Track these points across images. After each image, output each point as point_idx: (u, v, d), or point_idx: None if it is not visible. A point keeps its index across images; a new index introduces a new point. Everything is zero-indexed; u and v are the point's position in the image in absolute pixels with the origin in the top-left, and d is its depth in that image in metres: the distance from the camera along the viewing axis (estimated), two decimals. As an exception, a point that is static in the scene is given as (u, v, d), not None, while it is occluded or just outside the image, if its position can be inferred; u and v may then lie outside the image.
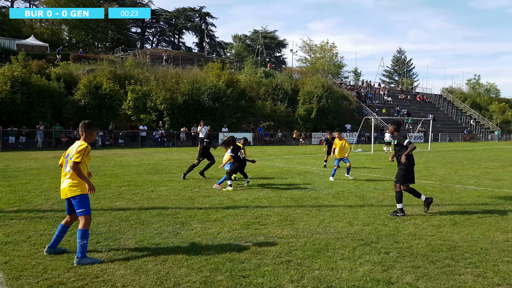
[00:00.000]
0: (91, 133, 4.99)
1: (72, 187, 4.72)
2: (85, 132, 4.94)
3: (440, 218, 7.05)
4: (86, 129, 4.94)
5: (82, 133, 4.95)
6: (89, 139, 4.98)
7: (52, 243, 4.91)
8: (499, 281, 4.21)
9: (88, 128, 4.96)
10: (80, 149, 4.73)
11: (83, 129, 4.94)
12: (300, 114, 38.10)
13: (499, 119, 67.17)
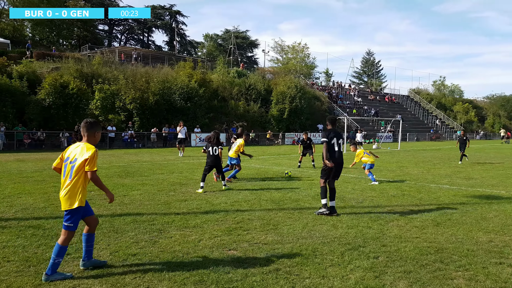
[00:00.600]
0: (94, 133, 4.44)
1: (70, 199, 4.21)
2: (88, 132, 4.41)
3: (422, 219, 7.02)
4: (89, 129, 4.42)
5: (84, 134, 4.43)
6: (93, 140, 4.46)
7: (86, 255, 4.46)
8: (492, 284, 4.14)
9: (91, 128, 4.43)
10: (91, 156, 4.20)
11: (86, 129, 4.41)
12: (273, 114, 38.04)
13: (463, 119, 69.79)
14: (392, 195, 9.53)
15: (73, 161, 4.25)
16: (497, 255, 5.08)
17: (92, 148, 4.28)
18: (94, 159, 4.22)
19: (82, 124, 4.47)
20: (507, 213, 7.60)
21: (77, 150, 4.31)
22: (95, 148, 4.31)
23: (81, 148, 4.30)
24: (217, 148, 10.21)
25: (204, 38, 61.60)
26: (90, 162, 4.18)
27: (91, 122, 4.49)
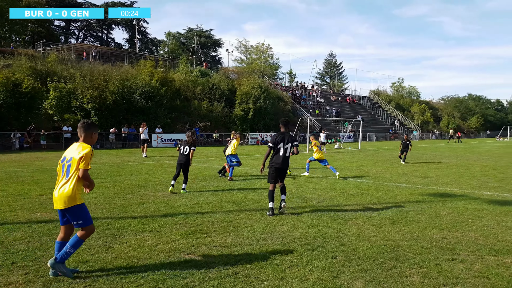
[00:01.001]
0: (91, 134, 4.53)
1: (65, 197, 4.24)
2: (85, 133, 4.49)
3: (379, 218, 7.16)
4: (86, 130, 4.50)
5: (81, 134, 4.50)
6: (90, 140, 4.53)
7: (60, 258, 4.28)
8: (444, 281, 4.25)
9: (88, 129, 4.51)
10: (86, 154, 4.27)
11: (83, 130, 4.49)
12: (237, 114, 37.91)
13: (420, 120, 72.81)
14: (352, 194, 9.70)
15: (69, 160, 4.34)
16: (450, 251, 5.24)
17: (87, 147, 4.35)
18: (88, 158, 4.28)
19: (79, 125, 4.53)
20: (459, 210, 7.91)
21: (73, 149, 4.41)
22: (90, 147, 4.38)
23: (77, 147, 4.39)
24: (188, 148, 10.15)
25: (167, 36, 60.44)
26: (85, 159, 4.26)
27: (88, 123, 4.56)
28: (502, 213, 7.73)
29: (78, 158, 4.26)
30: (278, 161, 7.43)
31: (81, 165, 4.25)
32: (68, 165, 4.33)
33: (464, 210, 7.96)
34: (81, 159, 4.26)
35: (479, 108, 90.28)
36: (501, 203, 8.79)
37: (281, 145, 7.43)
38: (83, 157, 4.26)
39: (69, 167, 4.32)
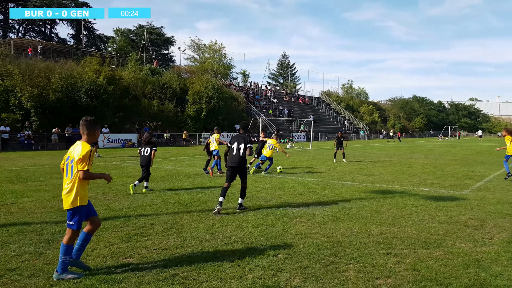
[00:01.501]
0: (94, 131, 4.44)
1: (70, 198, 4.27)
2: (87, 131, 4.39)
3: (323, 215, 7.33)
4: (88, 127, 4.39)
5: (84, 132, 4.41)
6: (92, 138, 4.45)
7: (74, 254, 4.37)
8: (378, 274, 4.41)
9: (90, 126, 4.41)
10: (84, 155, 4.21)
11: (85, 127, 4.39)
12: (189, 114, 37.33)
13: (368, 120, 75.83)
14: (299, 193, 9.86)
15: (71, 161, 4.31)
16: (386, 246, 5.46)
17: (87, 148, 4.27)
18: (86, 158, 4.22)
19: (81, 122, 4.42)
20: (398, 206, 8.28)
21: (75, 149, 4.33)
22: (89, 148, 4.30)
23: (78, 147, 4.31)
24: (149, 149, 10.20)
25: (115, 33, 58.25)
26: (83, 161, 4.20)
27: (91, 120, 4.46)
28: (437, 208, 8.18)
29: (78, 159, 4.22)
30: (232, 160, 7.86)
31: (79, 166, 4.22)
32: (71, 165, 4.31)
33: (403, 206, 8.35)
34: (79, 160, 4.22)
35: (423, 109, 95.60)
36: (437, 199, 9.32)
37: (235, 145, 7.89)
38: (81, 158, 4.21)
39: (72, 167, 4.30)
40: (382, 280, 4.26)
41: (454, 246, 5.51)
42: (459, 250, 5.31)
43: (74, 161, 4.26)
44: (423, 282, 4.19)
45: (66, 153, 4.47)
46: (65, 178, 4.36)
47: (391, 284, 4.15)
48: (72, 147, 4.42)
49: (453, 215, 7.47)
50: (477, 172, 15.19)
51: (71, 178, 4.28)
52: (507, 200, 9.24)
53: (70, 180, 4.29)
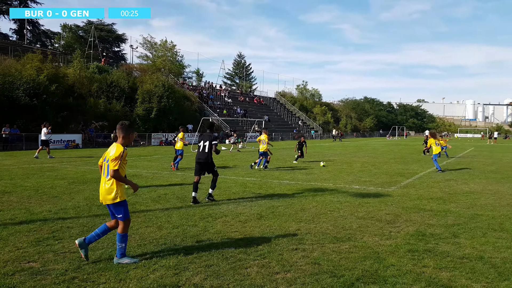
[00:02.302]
0: (129, 135, 4.88)
1: (111, 195, 4.70)
2: (123, 134, 4.84)
3: (249, 214, 7.46)
4: (125, 131, 4.85)
5: (120, 135, 4.86)
6: (127, 141, 4.88)
7: (89, 238, 4.79)
8: (279, 269, 4.57)
9: (127, 130, 4.87)
10: (117, 156, 4.64)
11: (121, 131, 4.85)
12: (138, 113, 36.47)
13: (321, 120, 77.78)
14: (233, 192, 9.97)
15: (107, 160, 4.76)
16: (297, 242, 5.66)
17: (120, 149, 4.70)
18: (118, 158, 4.62)
19: (118, 126, 4.90)
20: (325, 203, 8.59)
21: (111, 150, 4.79)
22: (123, 149, 4.73)
23: (113, 148, 4.76)
24: None
25: (62, 28, 55.65)
26: (115, 160, 4.62)
27: (128, 125, 4.95)
28: (360, 204, 8.58)
29: (111, 159, 4.64)
30: (199, 156, 8.76)
31: (111, 165, 4.62)
32: (107, 164, 4.74)
33: (329, 203, 8.67)
34: (113, 160, 4.63)
35: (373, 109, 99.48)
36: (364, 195, 9.76)
37: (202, 143, 8.81)
38: (114, 158, 4.63)
39: (108, 166, 4.71)
40: (281, 274, 4.42)
41: (362, 240, 5.82)
42: (364, 243, 5.62)
43: (109, 161, 4.69)
44: (319, 274, 4.39)
45: (104, 153, 4.95)
46: (103, 176, 4.83)
47: (289, 277, 4.32)
48: (109, 148, 4.91)
49: (372, 211, 7.87)
50: (410, 170, 16.05)
51: (108, 177, 4.71)
52: (427, 196, 9.86)
53: (108, 178, 4.72)
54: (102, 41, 59.03)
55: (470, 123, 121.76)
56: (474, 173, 15.00)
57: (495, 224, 6.87)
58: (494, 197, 9.75)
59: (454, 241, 5.78)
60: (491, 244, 5.67)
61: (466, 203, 8.87)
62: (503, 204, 8.84)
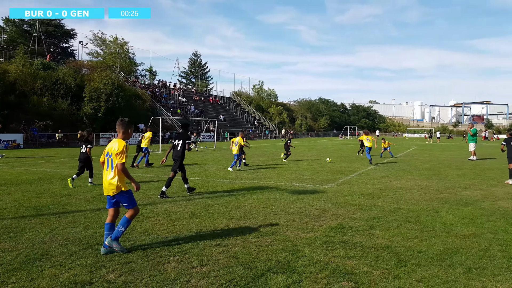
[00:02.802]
0: (128, 130, 5.23)
1: (114, 186, 5.03)
2: (123, 129, 5.18)
3: (182, 212, 7.55)
4: (125, 127, 5.18)
5: (120, 130, 5.19)
6: (127, 136, 5.23)
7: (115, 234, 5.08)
8: (197, 263, 4.73)
9: (126, 126, 5.20)
10: (121, 150, 5.02)
11: (122, 127, 5.18)
12: (86, 112, 35.22)
13: (277, 120, 78.89)
14: (173, 192, 9.99)
15: (110, 155, 5.10)
16: (221, 238, 5.83)
17: (123, 143, 5.08)
18: (123, 152, 5.03)
19: (118, 123, 5.21)
20: (260, 201, 8.84)
21: (113, 145, 5.14)
22: (125, 143, 5.10)
23: (115, 143, 5.13)
24: (85, 147, 11.05)
25: (4, 22, 52.60)
26: (120, 154, 5.01)
27: (127, 121, 5.28)
28: (294, 200, 8.91)
29: (116, 153, 4.99)
30: (175, 153, 9.63)
31: (118, 159, 4.99)
32: (111, 159, 5.08)
33: (265, 200, 8.94)
34: (117, 155, 5.00)
35: (328, 110, 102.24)
36: (300, 192, 10.13)
37: (176, 141, 9.65)
38: (119, 152, 5.00)
39: (112, 161, 5.07)
40: (197, 268, 4.58)
41: (285, 233, 6.10)
42: (286, 237, 5.90)
43: (113, 155, 5.04)
44: (234, 267, 4.59)
45: (105, 149, 5.22)
46: (105, 170, 5.14)
47: (204, 271, 4.49)
48: (109, 144, 5.20)
49: (303, 207, 8.22)
50: (351, 168, 16.76)
51: (112, 170, 5.04)
52: (359, 192, 10.39)
53: (111, 171, 5.05)
54: (49, 36, 56.43)
55: (418, 123, 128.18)
56: (409, 170, 15.91)
57: (412, 217, 7.41)
58: (420, 192, 10.44)
59: (369, 233, 6.21)
60: (402, 235, 6.14)
61: (392, 198, 9.46)
62: (426, 199, 9.51)
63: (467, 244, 5.64)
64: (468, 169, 16.60)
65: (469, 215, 7.56)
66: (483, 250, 5.37)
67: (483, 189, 11.06)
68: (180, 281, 4.18)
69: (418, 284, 4.19)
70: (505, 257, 5.09)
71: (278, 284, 4.13)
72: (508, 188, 11.19)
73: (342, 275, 4.40)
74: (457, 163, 19.47)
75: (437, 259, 5.00)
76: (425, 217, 7.41)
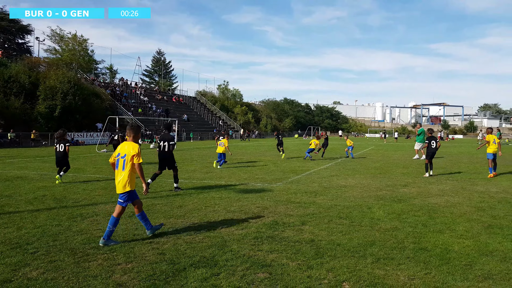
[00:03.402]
0: (138, 134, 5.95)
1: (122, 185, 5.62)
2: (133, 134, 5.89)
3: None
4: (134, 132, 5.90)
5: (130, 135, 5.88)
6: (137, 139, 5.92)
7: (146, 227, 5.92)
8: (122, 260, 4.89)
9: (137, 131, 5.95)
10: (137, 151, 5.68)
11: (132, 132, 5.88)
12: (40, 111, 34.02)
13: (242, 120, 79.19)
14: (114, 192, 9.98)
15: (123, 156, 5.65)
16: (155, 236, 6.00)
17: (136, 146, 5.74)
18: (140, 154, 5.69)
19: (129, 128, 5.94)
20: (205, 200, 9.03)
21: (125, 148, 5.71)
22: (138, 145, 5.77)
23: (128, 146, 5.72)
24: (63, 145, 11.59)
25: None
26: (137, 156, 5.65)
27: (137, 127, 6.04)
28: (238, 199, 9.17)
29: (132, 155, 5.61)
30: (163, 154, 10.36)
31: (135, 160, 5.62)
32: (123, 160, 5.63)
33: (210, 199, 9.14)
34: (135, 156, 5.62)
35: (293, 110, 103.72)
36: (247, 191, 10.40)
37: (161, 142, 10.36)
38: (136, 154, 5.64)
39: (124, 162, 5.62)
40: (122, 265, 4.74)
41: (219, 231, 6.35)
42: (219, 234, 6.15)
43: (127, 156, 5.61)
44: (158, 263, 4.79)
45: (115, 151, 5.78)
46: (117, 170, 5.67)
47: (128, 267, 4.66)
48: (121, 146, 5.79)
49: (245, 205, 8.50)
50: (304, 167, 17.26)
51: (123, 170, 5.59)
52: (304, 190, 10.79)
53: (123, 172, 5.59)
54: (3, 32, 54.04)
55: (379, 124, 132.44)
56: (358, 169, 16.58)
57: (344, 213, 7.85)
58: (361, 190, 10.99)
59: (299, 228, 6.57)
60: (329, 229, 6.54)
61: (333, 196, 9.92)
62: (364, 196, 10.03)
63: (385, 237, 6.11)
64: (413, 167, 17.48)
65: (398, 211, 8.10)
66: (397, 242, 5.85)
67: (420, 186, 11.77)
68: (101, 277, 4.33)
69: (327, 274, 4.55)
70: (414, 248, 5.58)
71: (196, 277, 4.37)
72: (443, 186, 11.96)
73: (260, 267, 4.70)
74: (405, 162, 20.42)
75: (353, 250, 5.41)
76: (356, 213, 7.87)
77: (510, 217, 7.63)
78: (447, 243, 5.85)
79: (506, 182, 12.72)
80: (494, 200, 9.48)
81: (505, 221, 7.30)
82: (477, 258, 5.21)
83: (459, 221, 7.28)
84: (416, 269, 4.77)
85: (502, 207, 8.70)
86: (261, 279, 4.35)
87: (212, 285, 4.16)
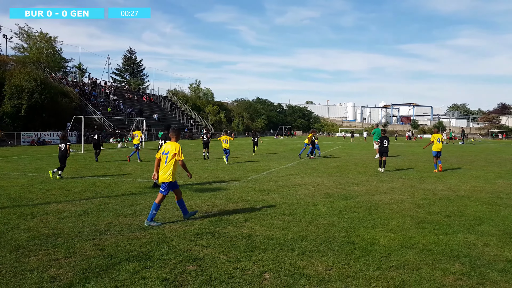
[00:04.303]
0: (179, 135, 7.30)
1: (166, 175, 6.91)
2: (175, 135, 7.21)
3: (73, 211, 7.84)
4: (177, 133, 7.27)
5: (173, 136, 7.18)
6: (178, 139, 7.22)
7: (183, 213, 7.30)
8: (62, 256, 5.15)
9: (178, 133, 7.29)
10: (180, 150, 6.98)
11: (175, 133, 7.22)
12: (6, 110, 33.17)
13: (213, 120, 79.17)
14: (75, 192, 10.14)
15: (167, 153, 6.95)
16: (100, 233, 6.28)
17: (178, 145, 7.03)
18: (181, 152, 6.98)
19: (172, 129, 7.26)
20: (168, 199, 9.28)
21: (169, 146, 7.00)
22: (179, 145, 7.06)
23: (171, 145, 6.99)
24: (64, 144, 12.87)
25: None
26: (179, 154, 6.95)
27: (178, 129, 7.42)
28: (192, 198, 9.50)
29: (175, 153, 6.90)
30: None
31: (178, 157, 6.93)
32: (166, 156, 6.94)
33: (172, 198, 9.39)
34: (178, 153, 6.93)
35: (265, 110, 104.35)
36: (202, 190, 10.76)
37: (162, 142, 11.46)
38: (178, 152, 6.93)
39: (167, 158, 6.93)
40: (61, 260, 5.02)
41: (163, 228, 6.66)
42: (162, 230, 6.48)
43: (170, 153, 6.89)
44: (95, 258, 5.09)
45: (161, 148, 7.08)
46: (162, 164, 6.96)
47: (65, 262, 4.94)
48: (165, 145, 7.08)
49: (196, 203, 8.83)
50: (266, 166, 17.68)
51: (166, 164, 6.92)
52: (259, 188, 11.19)
53: (166, 166, 6.92)
54: (-35, 27, 51.95)
55: (350, 123, 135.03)
56: (318, 168, 17.12)
57: (289, 210, 8.28)
58: (314, 188, 11.46)
59: (241, 224, 6.97)
60: (269, 225, 6.96)
61: (285, 194, 10.35)
62: (314, 194, 10.51)
63: (319, 232, 6.58)
64: (371, 167, 18.12)
65: (341, 208, 8.58)
66: (328, 237, 6.32)
67: (371, 184, 12.38)
68: (38, 271, 4.60)
69: (252, 266, 4.97)
70: (342, 242, 6.05)
71: (129, 270, 4.70)
72: (393, 184, 12.58)
73: (192, 261, 5.07)
74: (366, 161, 21.08)
75: (284, 244, 5.85)
76: (300, 210, 8.32)
77: (444, 213, 8.12)
78: (374, 237, 6.32)
79: (454, 180, 13.47)
80: (436, 197, 10.04)
81: (438, 217, 7.79)
82: (396, 250, 5.68)
83: (394, 217, 7.77)
84: (336, 260, 5.22)
85: (441, 203, 9.20)
86: (189, 271, 4.73)
87: (142, 277, 4.50)
